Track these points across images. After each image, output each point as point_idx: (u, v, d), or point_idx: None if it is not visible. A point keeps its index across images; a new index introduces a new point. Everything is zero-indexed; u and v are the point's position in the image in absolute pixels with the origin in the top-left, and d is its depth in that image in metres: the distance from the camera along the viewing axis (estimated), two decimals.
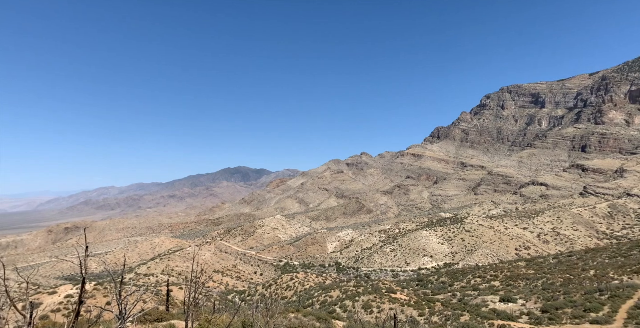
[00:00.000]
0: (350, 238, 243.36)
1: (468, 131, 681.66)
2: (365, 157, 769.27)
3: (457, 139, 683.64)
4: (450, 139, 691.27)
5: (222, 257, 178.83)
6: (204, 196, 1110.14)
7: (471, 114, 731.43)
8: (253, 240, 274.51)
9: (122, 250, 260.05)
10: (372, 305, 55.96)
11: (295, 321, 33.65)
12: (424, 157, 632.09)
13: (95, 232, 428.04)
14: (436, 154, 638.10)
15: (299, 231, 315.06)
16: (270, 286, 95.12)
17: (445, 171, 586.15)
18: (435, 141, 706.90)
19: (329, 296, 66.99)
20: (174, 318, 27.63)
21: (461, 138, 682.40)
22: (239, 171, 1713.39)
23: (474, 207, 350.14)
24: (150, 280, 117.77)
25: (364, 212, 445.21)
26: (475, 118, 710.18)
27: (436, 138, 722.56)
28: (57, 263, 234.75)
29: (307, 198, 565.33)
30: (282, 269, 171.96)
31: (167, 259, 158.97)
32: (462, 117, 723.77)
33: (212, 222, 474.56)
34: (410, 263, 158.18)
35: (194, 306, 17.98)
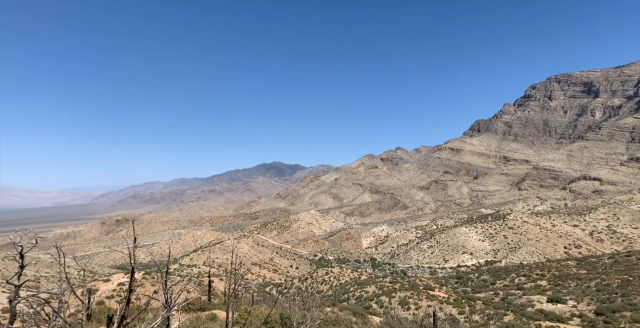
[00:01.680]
0: (385, 234, 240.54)
1: (511, 123, 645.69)
2: (400, 151, 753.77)
3: (498, 132, 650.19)
4: (491, 132, 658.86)
5: (259, 250, 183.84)
6: (241, 191, 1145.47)
7: (514, 106, 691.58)
8: (288, 234, 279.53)
9: (167, 241, 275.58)
10: (409, 302, 54.91)
11: (331, 315, 33.73)
12: (462, 151, 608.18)
13: (142, 224, 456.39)
14: (476, 148, 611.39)
15: (333, 226, 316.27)
16: (306, 279, 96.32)
17: (485, 165, 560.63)
18: (475, 134, 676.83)
19: (365, 291, 66.62)
20: (215, 308, 28.63)
21: (503, 131, 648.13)
22: (274, 166, 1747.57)
23: (517, 203, 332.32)
24: (193, 271, 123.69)
25: (399, 207, 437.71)
26: (519, 110, 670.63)
27: (476, 131, 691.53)
28: (110, 253, 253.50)
29: (340, 194, 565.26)
30: (317, 263, 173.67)
31: (208, 251, 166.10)
32: (505, 109, 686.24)
33: (249, 216, 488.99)
34: (448, 260, 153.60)
35: (233, 297, 18.41)
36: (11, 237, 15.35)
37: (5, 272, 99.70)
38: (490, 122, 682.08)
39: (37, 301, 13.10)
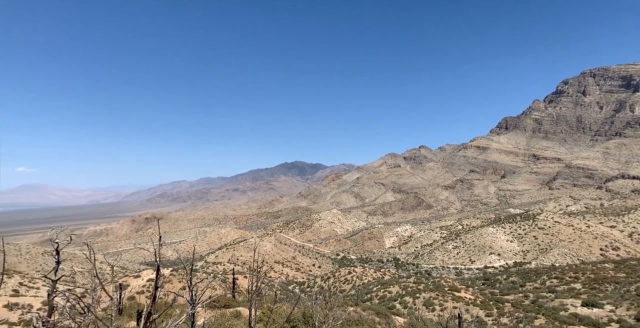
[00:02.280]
0: (408, 234, 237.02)
1: (541, 120, 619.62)
2: (424, 150, 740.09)
3: (528, 130, 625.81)
4: (519, 129, 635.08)
5: (282, 248, 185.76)
6: (264, 190, 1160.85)
7: (545, 102, 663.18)
8: (310, 233, 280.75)
9: (193, 239, 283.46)
10: (434, 303, 53.82)
11: (354, 314, 33.52)
12: (489, 149, 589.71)
13: (170, 222, 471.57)
14: (504, 146, 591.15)
15: (355, 225, 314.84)
16: (329, 278, 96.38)
17: (514, 164, 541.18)
18: (503, 132, 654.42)
19: (388, 291, 65.88)
20: (239, 305, 29.12)
21: (533, 128, 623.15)
22: (296, 166, 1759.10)
23: (548, 203, 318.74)
24: (218, 268, 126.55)
25: (423, 207, 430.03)
26: (549, 106, 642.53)
27: (503, 129, 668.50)
28: (139, 250, 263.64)
29: (362, 193, 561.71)
30: (340, 262, 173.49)
31: (232, 249, 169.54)
32: (534, 106, 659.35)
33: (272, 215, 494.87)
34: (475, 261, 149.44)
35: (256, 295, 18.59)
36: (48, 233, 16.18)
37: (45, 267, 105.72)
38: (519, 119, 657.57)
39: (72, 295, 13.73)
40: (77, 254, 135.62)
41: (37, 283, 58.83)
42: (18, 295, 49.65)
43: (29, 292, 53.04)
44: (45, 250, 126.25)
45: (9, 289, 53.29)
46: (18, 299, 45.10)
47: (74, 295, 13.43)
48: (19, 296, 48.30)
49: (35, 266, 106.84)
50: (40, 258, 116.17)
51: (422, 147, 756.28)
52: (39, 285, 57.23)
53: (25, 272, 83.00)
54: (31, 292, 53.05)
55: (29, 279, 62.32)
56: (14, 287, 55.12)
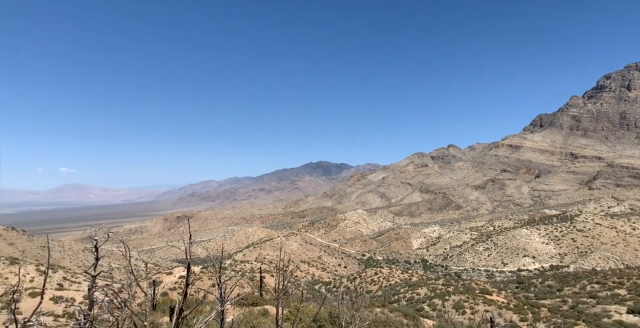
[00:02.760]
0: (437, 235, 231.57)
1: (580, 117, 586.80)
2: (453, 149, 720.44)
3: (564, 127, 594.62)
4: (555, 127, 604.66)
5: (308, 248, 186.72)
6: (289, 189, 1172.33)
7: (584, 98, 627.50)
8: (335, 233, 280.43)
9: (221, 238, 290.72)
10: (464, 306, 52.21)
11: (381, 316, 33.09)
12: (522, 148, 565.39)
13: (199, 221, 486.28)
14: (538, 144, 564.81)
15: (381, 225, 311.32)
16: (355, 279, 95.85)
17: (549, 163, 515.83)
18: (537, 130, 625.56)
19: (416, 293, 64.61)
20: (267, 303, 29.49)
21: (570, 125, 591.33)
22: (321, 165, 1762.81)
23: (587, 204, 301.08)
24: (246, 267, 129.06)
25: (451, 207, 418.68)
26: (589, 102, 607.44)
27: (538, 126, 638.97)
28: (171, 247, 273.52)
29: (388, 193, 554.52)
30: (366, 263, 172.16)
31: (259, 248, 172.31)
32: (572, 102, 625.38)
33: (297, 214, 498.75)
34: (507, 263, 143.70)
35: (283, 293, 18.72)
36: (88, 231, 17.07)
37: (86, 262, 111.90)
38: (555, 116, 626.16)
39: (110, 290, 14.41)
40: (114, 251, 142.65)
41: (79, 278, 62.36)
42: (62, 288, 52.83)
43: (72, 286, 56.32)
44: (86, 247, 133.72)
45: (54, 283, 56.83)
46: (62, 293, 47.98)
47: (111, 290, 14.08)
48: (63, 290, 51.38)
49: (76, 262, 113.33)
50: (81, 255, 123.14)
51: (451, 146, 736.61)
52: (80, 280, 60.62)
53: (68, 267, 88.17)
54: (74, 286, 56.31)
55: (72, 274, 66.18)
56: (59, 281, 58.73)
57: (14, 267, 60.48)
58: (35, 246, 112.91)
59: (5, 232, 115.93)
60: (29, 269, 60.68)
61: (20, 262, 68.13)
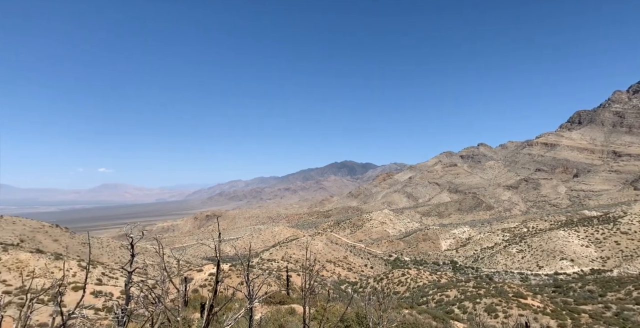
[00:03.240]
0: (466, 236, 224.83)
1: (623, 113, 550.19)
2: (483, 148, 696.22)
3: (606, 124, 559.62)
4: (596, 123, 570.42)
5: (333, 247, 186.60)
6: (314, 189, 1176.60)
7: (628, 93, 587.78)
8: (361, 233, 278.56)
9: (249, 236, 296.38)
10: (497, 309, 50.32)
11: (409, 317, 32.49)
12: (559, 146, 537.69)
13: (228, 220, 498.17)
14: (576, 142, 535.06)
15: (408, 226, 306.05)
16: (382, 280, 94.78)
17: (589, 162, 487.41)
18: (575, 127, 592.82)
19: (445, 295, 62.99)
20: (293, 302, 29.70)
21: (613, 122, 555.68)
22: (345, 165, 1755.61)
23: (633, 205, 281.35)
24: (272, 265, 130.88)
25: (482, 208, 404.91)
26: (634, 97, 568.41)
27: (576, 123, 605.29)
28: (201, 245, 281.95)
29: (415, 193, 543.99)
30: (392, 264, 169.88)
31: (285, 247, 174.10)
32: (615, 97, 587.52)
33: (322, 214, 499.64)
34: (543, 266, 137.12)
35: (310, 293, 18.77)
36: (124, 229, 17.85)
37: (122, 259, 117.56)
38: (595, 112, 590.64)
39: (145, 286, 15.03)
40: (148, 248, 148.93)
41: (116, 273, 65.57)
42: (101, 283, 55.78)
43: (110, 282, 59.31)
44: (122, 244, 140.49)
45: (94, 278, 60.07)
46: (101, 287, 50.65)
47: (146, 286, 14.68)
48: (102, 285, 54.21)
49: (114, 258, 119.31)
50: (118, 251, 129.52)
51: (481, 144, 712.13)
52: (117, 276, 63.74)
53: (107, 263, 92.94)
54: (112, 282, 59.28)
55: (110, 270, 69.71)
56: (98, 276, 62.02)
57: (59, 262, 64.44)
58: (77, 243, 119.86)
59: (51, 229, 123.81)
60: (72, 264, 64.43)
61: (64, 257, 72.54)
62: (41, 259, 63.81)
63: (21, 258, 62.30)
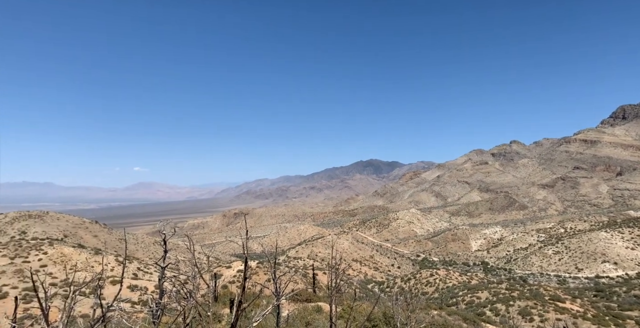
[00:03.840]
0: (498, 236, 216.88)
1: None
2: (516, 145, 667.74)
3: None
4: None
5: (359, 246, 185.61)
6: (339, 188, 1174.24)
7: None
8: (387, 233, 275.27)
9: (275, 234, 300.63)
10: (532, 312, 48.19)
11: (438, 318, 31.75)
12: (600, 143, 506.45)
13: (255, 218, 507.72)
14: (620, 139, 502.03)
15: (436, 226, 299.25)
16: (409, 280, 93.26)
17: (634, 159, 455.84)
18: (619, 123, 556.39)
19: (476, 297, 61.05)
20: (320, 300, 29.78)
21: None
22: (371, 164, 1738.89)
23: None
24: (299, 263, 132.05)
25: (515, 207, 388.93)
26: None
27: (620, 119, 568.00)
28: (230, 242, 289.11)
29: (444, 192, 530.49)
30: (420, 264, 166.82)
31: (311, 245, 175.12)
32: None
33: (348, 213, 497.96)
34: (582, 269, 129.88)
35: (336, 291, 18.73)
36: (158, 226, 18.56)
37: (156, 255, 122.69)
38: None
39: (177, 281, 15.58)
40: (179, 245, 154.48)
41: (150, 268, 68.46)
42: (137, 278, 58.39)
43: (145, 276, 61.99)
44: (156, 240, 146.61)
45: (130, 273, 63.00)
46: (137, 282, 53.02)
47: (178, 281, 15.20)
48: (137, 279, 56.74)
49: (148, 254, 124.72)
50: (152, 247, 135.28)
51: (514, 142, 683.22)
52: (151, 271, 66.52)
53: (141, 258, 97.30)
54: (146, 276, 61.94)
55: (144, 265, 72.86)
56: (134, 271, 64.99)
57: (98, 257, 68.07)
58: (114, 238, 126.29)
59: (91, 225, 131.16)
60: (110, 259, 67.88)
61: (103, 252, 76.55)
62: (82, 254, 67.73)
63: (65, 252, 66.40)
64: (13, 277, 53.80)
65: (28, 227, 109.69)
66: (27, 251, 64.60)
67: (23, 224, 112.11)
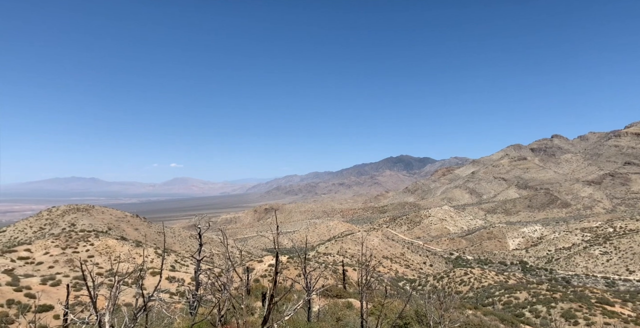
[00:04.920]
0: (538, 235, 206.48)
1: None
2: (558, 139, 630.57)
3: None
4: None
5: (389, 243, 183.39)
6: (369, 184, 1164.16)
7: None
8: (419, 230, 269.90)
9: (305, 230, 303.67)
10: (577, 315, 45.51)
11: (473, 318, 30.70)
12: None
13: (284, 213, 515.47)
14: None
15: (470, 223, 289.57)
16: (442, 278, 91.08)
17: None
18: None
19: (514, 297, 58.53)
20: (350, 296, 29.70)
21: None
22: (401, 160, 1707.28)
23: None
24: (328, 259, 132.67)
25: (557, 205, 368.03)
26: None
27: None
28: (261, 237, 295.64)
29: (479, 189, 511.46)
30: (454, 262, 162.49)
31: (340, 241, 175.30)
32: None
33: (377, 210, 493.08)
34: (634, 271, 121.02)
35: (367, 288, 18.59)
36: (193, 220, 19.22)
37: (191, 248, 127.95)
38: None
39: (212, 274, 16.09)
40: (213, 238, 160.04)
41: (187, 261, 71.47)
42: (174, 270, 61.18)
43: (181, 268, 64.84)
44: (191, 234, 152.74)
45: (168, 265, 66.13)
46: (174, 273, 55.55)
47: (213, 274, 15.71)
48: (175, 271, 59.43)
49: (184, 247, 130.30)
50: (187, 241, 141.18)
51: (556, 136, 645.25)
52: (188, 263, 69.43)
53: (178, 251, 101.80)
54: (183, 269, 64.75)
55: (181, 257, 76.17)
56: (171, 263, 68.16)
57: (139, 249, 71.92)
58: (153, 231, 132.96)
59: (132, 219, 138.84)
60: (149, 251, 71.50)
61: (143, 245, 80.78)
62: (125, 246, 71.88)
63: (109, 244, 70.81)
64: (65, 266, 58.13)
65: (77, 219, 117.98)
66: (76, 242, 69.55)
67: (72, 217, 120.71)
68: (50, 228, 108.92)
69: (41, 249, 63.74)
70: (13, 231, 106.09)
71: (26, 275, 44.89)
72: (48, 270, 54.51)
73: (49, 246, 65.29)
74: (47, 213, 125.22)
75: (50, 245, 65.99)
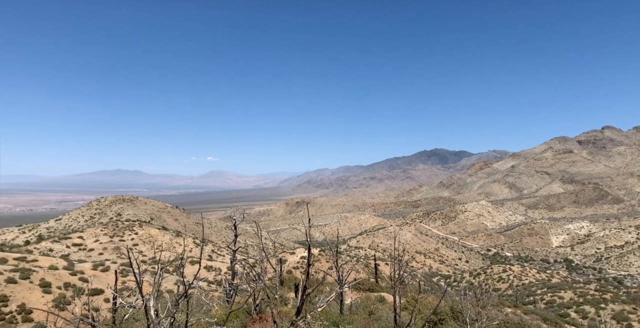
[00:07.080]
0: (585, 232, 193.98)
1: None
2: (609, 131, 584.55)
3: None
4: None
5: (423, 238, 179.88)
6: (401, 178, 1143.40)
7: None
8: (454, 225, 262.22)
9: (336, 223, 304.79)
10: (630, 318, 42.47)
11: (513, 317, 29.47)
12: None
13: (316, 207, 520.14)
14: None
15: (509, 219, 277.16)
16: (479, 275, 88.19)
17: None
18: None
19: (558, 296, 55.55)
20: (382, 290, 29.53)
21: None
22: (436, 153, 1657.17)
23: None
24: (360, 253, 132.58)
25: (607, 201, 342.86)
26: None
27: None
28: (293, 229, 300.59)
29: (519, 183, 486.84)
30: (491, 259, 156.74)
31: (372, 235, 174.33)
32: None
33: (410, 204, 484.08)
34: None
35: (399, 282, 18.35)
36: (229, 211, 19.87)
37: (227, 238, 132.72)
38: None
39: (247, 264, 16.59)
40: (247, 230, 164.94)
41: (223, 251, 74.25)
42: (212, 259, 63.82)
43: (218, 258, 67.52)
44: (227, 225, 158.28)
45: (206, 254, 69.07)
46: (212, 263, 57.91)
47: (248, 264, 16.19)
48: (212, 261, 61.95)
49: (220, 237, 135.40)
50: (223, 231, 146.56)
51: (607, 127, 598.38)
52: (224, 253, 72.14)
53: (215, 241, 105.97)
54: (219, 259, 67.40)
55: (217, 248, 79.24)
56: (209, 253, 71.12)
57: (179, 238, 75.63)
58: (191, 222, 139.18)
59: (172, 210, 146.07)
60: (188, 241, 74.98)
61: (183, 235, 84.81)
62: (166, 235, 75.85)
63: (152, 233, 75.02)
64: (112, 253, 62.44)
65: (122, 209, 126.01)
66: (122, 231, 74.37)
67: (119, 207, 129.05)
68: (99, 217, 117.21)
69: (92, 237, 68.84)
70: (68, 219, 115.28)
71: (80, 261, 48.75)
72: (98, 256, 58.87)
73: (98, 234, 70.37)
74: (97, 204, 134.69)
75: (100, 233, 71.09)
